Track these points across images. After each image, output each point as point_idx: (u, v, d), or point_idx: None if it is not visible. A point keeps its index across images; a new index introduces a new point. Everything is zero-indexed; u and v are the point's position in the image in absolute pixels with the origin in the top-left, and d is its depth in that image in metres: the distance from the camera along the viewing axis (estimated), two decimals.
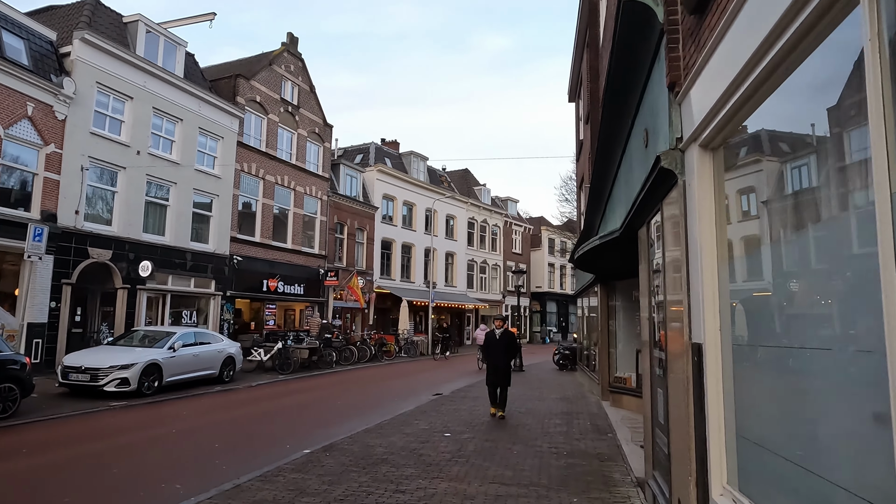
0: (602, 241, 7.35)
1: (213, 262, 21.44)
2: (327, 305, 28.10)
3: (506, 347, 10.54)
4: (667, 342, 4.43)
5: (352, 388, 15.41)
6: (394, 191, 34.36)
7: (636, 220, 5.84)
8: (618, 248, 7.69)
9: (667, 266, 4.45)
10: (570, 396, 13.62)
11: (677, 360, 4.03)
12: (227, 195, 22.19)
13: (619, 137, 6.59)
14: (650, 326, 5.33)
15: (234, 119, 22.59)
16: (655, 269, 5.16)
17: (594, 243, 7.61)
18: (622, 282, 12.28)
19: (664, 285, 4.51)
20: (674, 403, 4.15)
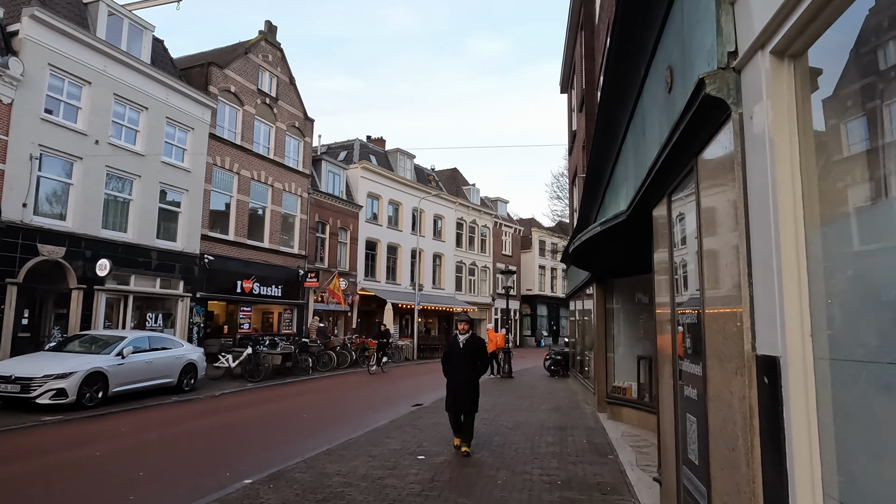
0: (604, 228, 6.13)
1: (181, 262, 20.04)
2: (307, 308, 26.73)
3: (472, 359, 7.78)
4: (705, 353, 3.18)
5: (324, 398, 14.09)
6: (379, 189, 33.06)
7: (651, 195, 4.61)
8: (622, 237, 6.47)
9: (707, 250, 3.22)
10: (564, 407, 12.39)
11: (726, 378, 2.79)
12: (197, 190, 20.81)
13: (627, 98, 5.37)
14: (672, 331, 4.10)
15: (205, 109, 21.22)
16: (683, 255, 3.92)
17: (594, 231, 6.39)
18: (622, 280, 11.07)
19: (702, 276, 3.27)
20: (719, 440, 2.91)
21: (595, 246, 7.39)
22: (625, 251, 7.49)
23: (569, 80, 19.60)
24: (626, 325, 11.26)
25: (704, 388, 3.17)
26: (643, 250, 6.79)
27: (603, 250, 7.83)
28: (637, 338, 10.91)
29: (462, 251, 41.14)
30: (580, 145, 15.41)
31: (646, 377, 10.10)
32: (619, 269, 10.05)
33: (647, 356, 10.18)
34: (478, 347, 7.97)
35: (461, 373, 7.76)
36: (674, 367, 4.03)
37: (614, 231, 6.21)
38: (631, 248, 6.85)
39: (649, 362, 10.01)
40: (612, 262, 9.29)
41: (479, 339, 8.15)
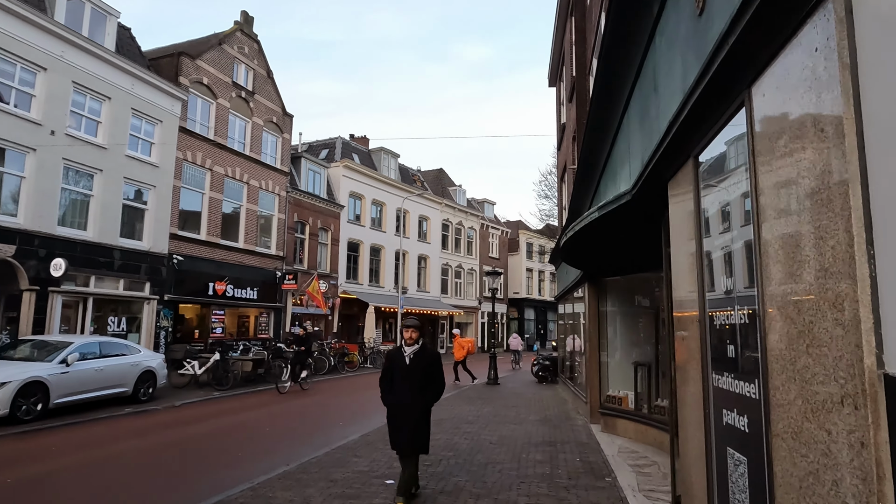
0: (603, 214, 5.17)
1: (148, 262, 18.85)
2: (285, 311, 25.58)
3: (422, 379, 5.69)
4: (768, 367, 2.21)
5: (294, 408, 13.01)
6: (362, 189, 32.00)
7: (666, 164, 3.67)
8: (623, 225, 5.53)
9: (774, 218, 2.24)
10: (553, 418, 11.42)
11: (815, 408, 1.83)
12: (165, 186, 19.64)
13: (634, 47, 4.42)
14: (702, 337, 3.13)
15: (175, 101, 20.08)
16: (722, 236, 2.96)
17: (590, 218, 5.44)
18: (617, 280, 10.16)
19: (760, 259, 2.30)
20: (803, 501, 1.93)
21: (590, 238, 6.44)
22: (625, 244, 6.58)
23: (557, 72, 18.74)
24: (621, 329, 10.34)
25: (766, 419, 2.21)
26: (649, 241, 5.86)
27: (599, 244, 6.89)
28: (634, 342, 9.99)
29: (448, 253, 40.16)
30: (570, 137, 14.52)
31: (643, 386, 9.17)
32: (615, 267, 9.13)
33: (645, 362, 9.26)
34: (430, 363, 5.76)
35: (406, 397, 5.63)
36: (704, 383, 3.06)
37: (615, 217, 5.27)
38: (633, 239, 5.94)
39: (647, 369, 9.09)
40: (607, 259, 8.36)
41: (432, 353, 5.94)
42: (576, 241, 6.56)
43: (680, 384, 3.68)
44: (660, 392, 8.65)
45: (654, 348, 9.14)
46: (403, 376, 5.68)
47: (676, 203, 3.74)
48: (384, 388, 5.83)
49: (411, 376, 5.66)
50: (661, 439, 8.17)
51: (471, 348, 18.39)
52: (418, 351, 5.77)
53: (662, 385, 8.66)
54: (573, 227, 6.18)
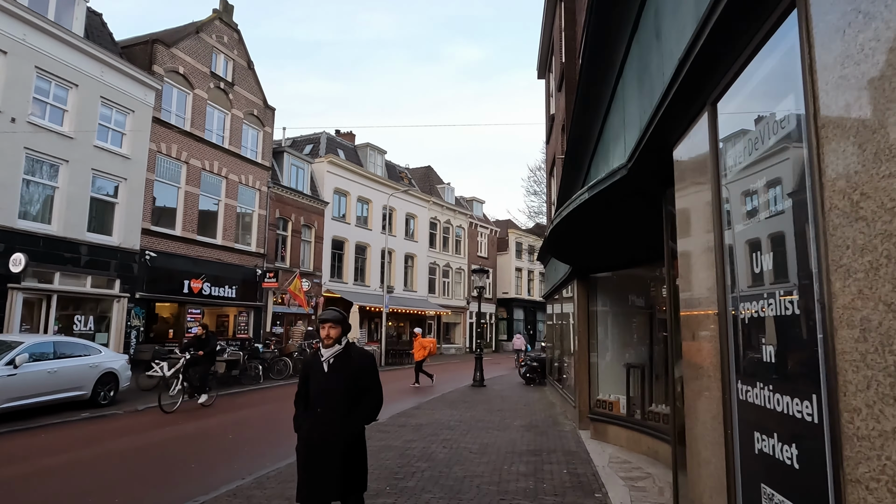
0: (594, 194, 4.49)
1: (118, 258, 17.98)
2: (265, 310, 24.76)
3: (346, 393, 3.91)
4: (833, 382, 1.51)
5: (265, 412, 12.24)
6: (347, 185, 31.21)
7: (673, 122, 2.98)
8: (617, 209, 4.85)
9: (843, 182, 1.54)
10: (540, 423, 10.74)
11: None
12: (137, 179, 18.77)
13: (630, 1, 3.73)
14: (722, 339, 2.43)
15: (148, 91, 19.21)
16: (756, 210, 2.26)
17: (580, 199, 4.73)
18: (608, 276, 9.49)
19: (822, 236, 1.60)
20: None
21: (580, 226, 5.76)
22: (619, 234, 5.91)
23: (547, 62, 18.09)
24: (613, 329, 9.67)
25: (833, 455, 1.52)
26: (647, 229, 5.18)
27: (589, 233, 6.21)
28: (626, 343, 9.33)
29: (436, 252, 39.45)
30: (559, 128, 13.87)
31: (636, 389, 8.50)
32: (607, 262, 8.46)
33: (637, 364, 8.59)
34: (359, 370, 3.94)
35: (325, 420, 3.86)
36: (725, 395, 2.37)
37: (607, 199, 4.58)
38: (628, 227, 5.27)
39: (641, 372, 8.42)
40: (598, 252, 7.68)
41: (362, 356, 4.07)
42: (564, 229, 5.86)
43: (690, 394, 2.99)
44: (654, 397, 7.98)
45: (649, 349, 8.48)
46: (321, 391, 3.89)
47: (686, 173, 3.05)
48: (299, 411, 4.06)
49: (331, 391, 3.86)
50: (655, 448, 7.51)
51: (432, 349, 17.56)
52: (341, 354, 3.92)
53: (657, 389, 8.00)
54: (560, 213, 5.49)
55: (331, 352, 3.94)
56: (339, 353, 3.95)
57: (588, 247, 7.23)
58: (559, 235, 6.33)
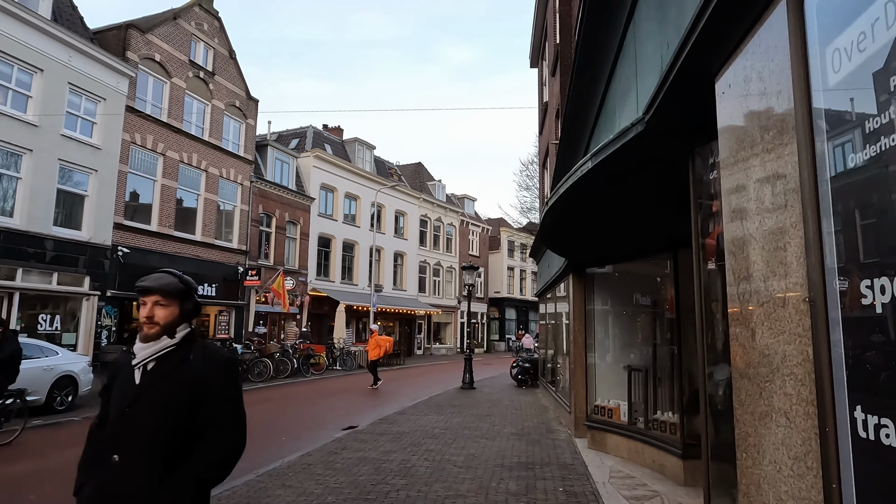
0: (599, 162, 3.65)
1: (87, 254, 17.01)
2: (248, 309, 23.81)
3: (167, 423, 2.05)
4: None
5: None
6: (334, 181, 30.29)
7: (714, 42, 2.14)
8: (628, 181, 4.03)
9: None
10: (532, 430, 9.92)
11: None
12: (109, 171, 17.80)
13: None
14: (818, 340, 1.61)
15: (121, 78, 18.24)
16: None
17: (582, 170, 3.90)
18: (607, 271, 8.69)
19: None
20: None
21: (579, 205, 4.93)
22: (625, 215, 5.10)
23: (540, 48, 17.29)
24: (612, 329, 8.88)
25: None
26: (662, 207, 4.36)
27: (591, 214, 5.37)
28: (627, 343, 8.53)
29: (426, 250, 38.58)
30: (553, 115, 13.07)
31: (639, 395, 7.70)
32: (608, 253, 7.65)
33: (640, 367, 7.78)
34: (199, 387, 2.13)
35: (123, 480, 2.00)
36: (823, 427, 1.54)
37: (615, 168, 3.76)
38: (637, 206, 4.45)
39: (644, 375, 7.61)
40: (600, 240, 6.86)
41: (213, 360, 2.20)
42: (561, 211, 5.03)
43: (746, 418, 2.16)
44: (659, 403, 7.18)
45: (652, 350, 7.68)
46: (121, 421, 2.08)
47: (739, 108, 2.22)
48: (86, 456, 2.21)
49: (138, 422, 2.06)
50: (662, 462, 6.70)
51: (388, 348, 16.53)
52: (169, 355, 2.15)
53: (662, 395, 7.19)
54: (557, 190, 4.66)
55: (150, 350, 2.12)
56: (165, 354, 2.13)
57: (589, 234, 6.39)
58: (555, 219, 5.50)
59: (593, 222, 5.71)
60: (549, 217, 5.52)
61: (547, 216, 5.55)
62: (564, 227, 5.98)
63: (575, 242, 7.12)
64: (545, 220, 5.84)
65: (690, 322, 6.68)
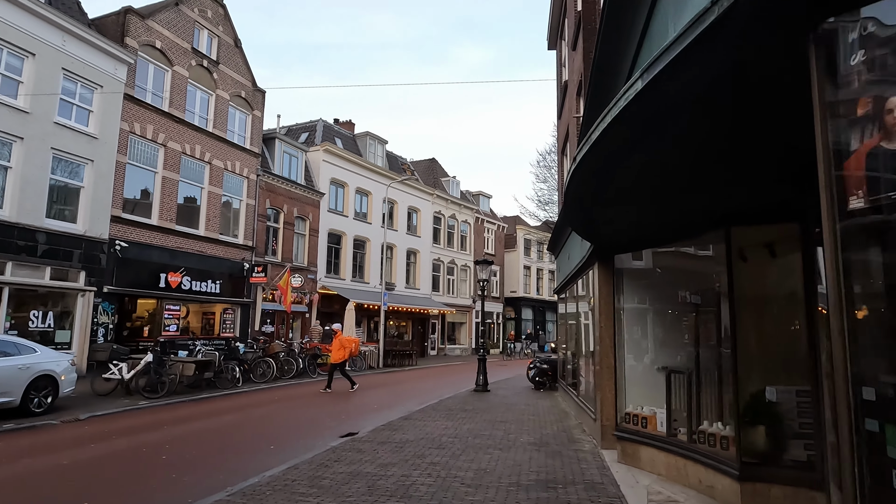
0: (659, 75, 2.55)
1: (83, 248, 16.24)
2: (255, 307, 22.96)
3: None
4: None
5: (223, 424, 10.39)
6: (345, 175, 29.39)
7: None
8: (695, 111, 2.94)
9: None
10: (552, 439, 8.82)
11: None
12: (106, 162, 17.03)
13: None
14: None
15: (119, 65, 17.47)
16: None
17: (629, 95, 2.81)
18: (639, 258, 7.57)
19: None
20: None
21: (615, 160, 3.80)
22: (671, 177, 3.99)
23: (558, 29, 16.17)
24: (647, 324, 7.75)
25: None
26: (727, 156, 3.25)
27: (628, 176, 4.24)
28: (664, 342, 7.40)
29: (440, 248, 37.53)
30: (573, 93, 11.96)
31: (680, 401, 6.56)
32: (641, 235, 6.53)
33: (681, 369, 6.65)
34: None
35: None
36: None
37: (678, 85, 2.66)
38: (692, 158, 3.35)
39: (687, 379, 6.48)
40: (633, 215, 5.73)
41: None
42: (591, 170, 3.94)
43: None
44: (706, 412, 6.04)
45: (694, 349, 6.54)
46: None
47: None
48: None
49: None
50: (710, 482, 5.57)
51: (353, 350, 15.19)
52: None
53: (710, 401, 6.05)
54: (589, 137, 3.57)
55: None
56: None
57: (622, 203, 5.19)
58: (583, 182, 4.38)
59: (629, 187, 4.60)
60: (575, 180, 4.43)
61: (573, 179, 4.46)
62: (594, 192, 4.87)
63: (604, 217, 5.98)
64: (570, 186, 4.76)
65: (752, 313, 5.54)
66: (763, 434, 5.30)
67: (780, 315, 5.45)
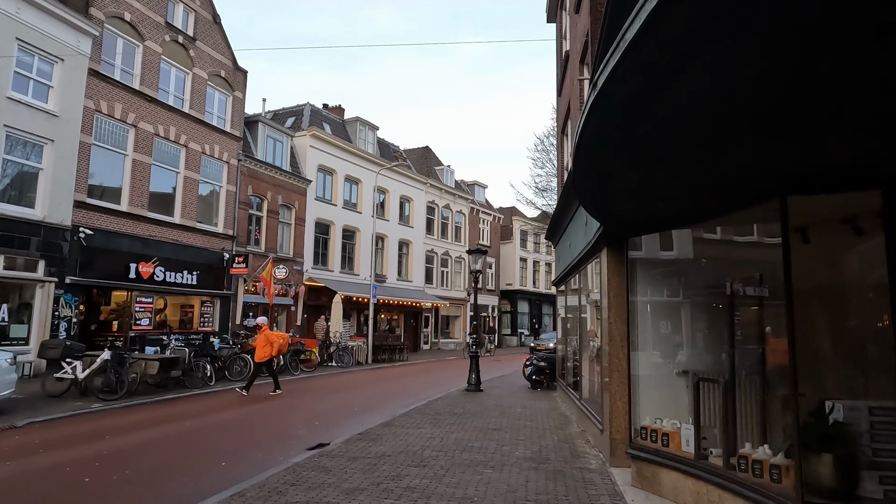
0: None
1: (41, 236, 14.94)
2: (235, 300, 21.69)
3: None
4: None
5: (183, 431, 9.16)
6: (333, 162, 28.07)
7: None
8: None
9: None
10: (552, 453, 7.64)
11: None
12: (69, 142, 15.69)
13: None
14: None
15: (82, 37, 16.10)
16: None
17: None
18: (657, 240, 6.35)
19: None
20: None
21: (641, 101, 2.63)
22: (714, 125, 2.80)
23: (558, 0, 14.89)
24: (667, 319, 6.55)
25: None
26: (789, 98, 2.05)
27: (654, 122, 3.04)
28: (690, 343, 6.20)
29: (433, 239, 36.28)
30: (577, 60, 10.71)
31: (713, 416, 5.36)
32: (663, 211, 5.31)
33: (713, 377, 5.44)
34: None
35: None
36: None
37: None
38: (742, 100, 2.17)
39: (722, 389, 5.26)
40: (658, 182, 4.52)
41: None
42: (621, 104, 2.77)
43: None
44: (747, 431, 4.84)
45: (730, 351, 5.34)
46: None
47: None
48: None
49: None
50: None
51: (282, 346, 13.74)
52: None
53: (751, 417, 4.86)
54: (623, 38, 2.39)
55: None
56: None
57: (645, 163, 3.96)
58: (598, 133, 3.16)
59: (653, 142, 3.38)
60: (592, 121, 3.19)
61: (590, 119, 3.21)
62: (616, 143, 3.63)
63: (623, 183, 4.73)
64: (584, 135, 3.52)
65: (815, 309, 4.34)
66: (829, 463, 4.10)
67: (854, 311, 4.26)
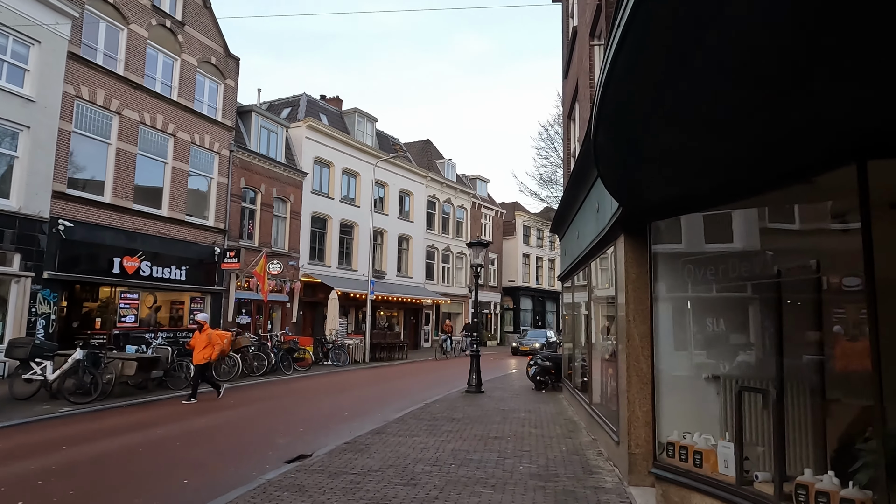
0: None
1: (16, 228, 14.09)
2: (227, 296, 20.84)
3: None
4: None
5: (152, 440, 8.30)
6: (330, 154, 27.17)
7: None
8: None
9: None
10: (560, 466, 6.76)
11: None
12: (47, 129, 14.83)
13: None
14: None
15: (61, 18, 15.21)
16: None
17: None
18: (682, 223, 5.45)
19: None
20: None
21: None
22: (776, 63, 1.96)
23: None
24: (693, 318, 5.66)
25: None
26: None
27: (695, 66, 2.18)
28: (727, 345, 5.30)
29: (434, 234, 35.37)
30: (585, 34, 9.80)
31: (759, 431, 4.46)
32: (714, 185, 4.41)
33: (759, 386, 4.55)
34: None
35: None
36: None
37: None
38: None
39: (776, 401, 4.36)
40: (724, 137, 3.60)
41: None
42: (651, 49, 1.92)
43: None
44: (808, 454, 3.95)
45: (777, 354, 4.44)
46: None
47: None
48: None
49: None
50: None
51: (225, 347, 12.78)
52: None
53: (810, 437, 3.96)
54: None
55: None
56: None
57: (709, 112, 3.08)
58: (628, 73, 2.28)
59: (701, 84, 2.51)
60: (621, 59, 2.27)
61: (618, 58, 2.29)
62: (658, 87, 2.73)
63: (655, 149, 3.74)
64: (611, 80, 2.61)
65: None
66: None
67: None
